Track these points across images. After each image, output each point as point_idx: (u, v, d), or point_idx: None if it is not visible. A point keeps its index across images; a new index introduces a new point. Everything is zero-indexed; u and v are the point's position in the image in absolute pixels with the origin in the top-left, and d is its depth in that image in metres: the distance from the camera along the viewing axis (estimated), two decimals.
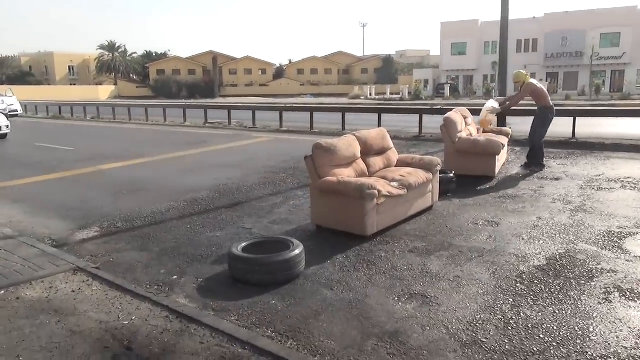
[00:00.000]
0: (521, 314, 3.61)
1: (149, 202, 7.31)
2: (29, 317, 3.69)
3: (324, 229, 5.67)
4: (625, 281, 4.12)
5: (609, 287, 4.01)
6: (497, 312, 3.64)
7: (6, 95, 28.49)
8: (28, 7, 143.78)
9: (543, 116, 8.92)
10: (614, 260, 4.58)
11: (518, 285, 4.11)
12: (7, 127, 16.93)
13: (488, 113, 9.51)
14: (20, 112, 29.54)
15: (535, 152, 8.96)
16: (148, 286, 4.30)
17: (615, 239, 5.19)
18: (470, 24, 53.43)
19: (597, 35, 46.51)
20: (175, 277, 4.51)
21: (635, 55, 46.14)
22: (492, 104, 9.72)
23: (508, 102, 9.66)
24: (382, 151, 6.57)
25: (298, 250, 4.33)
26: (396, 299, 3.92)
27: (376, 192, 5.17)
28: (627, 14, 45.78)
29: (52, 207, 7.30)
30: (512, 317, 3.55)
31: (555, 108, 9.14)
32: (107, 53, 77.08)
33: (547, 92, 9.07)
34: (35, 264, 4.73)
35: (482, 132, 9.58)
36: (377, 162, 6.39)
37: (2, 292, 4.13)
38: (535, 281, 4.17)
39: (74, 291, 4.15)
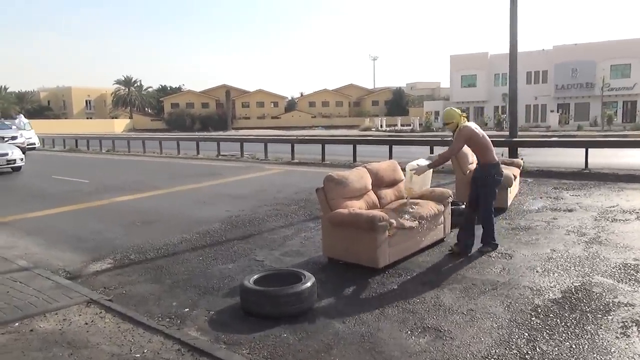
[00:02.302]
0: (537, 348, 3.54)
1: (162, 234, 7.37)
2: (42, 350, 3.70)
3: (335, 261, 5.65)
4: None
5: (626, 321, 3.92)
6: (513, 347, 3.57)
7: (21, 120, 29.23)
8: (47, 43, 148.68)
9: (488, 178, 5.87)
10: (631, 294, 4.50)
11: (533, 319, 4.04)
12: (22, 159, 17.32)
13: (413, 174, 5.98)
14: (38, 145, 30.20)
15: (489, 227, 6.00)
16: (160, 319, 4.31)
17: (631, 271, 5.10)
18: (480, 57, 54.03)
19: (607, 66, 46.69)
20: (187, 309, 4.51)
21: None
22: (418, 161, 6.13)
23: (438, 157, 6.17)
24: (393, 183, 6.59)
25: (310, 282, 4.32)
26: (409, 332, 3.87)
27: (388, 224, 5.17)
28: (636, 46, 45.99)
29: (66, 239, 7.39)
30: (527, 352, 3.49)
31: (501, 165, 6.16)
32: (123, 87, 79.09)
33: (490, 142, 6.00)
34: (50, 295, 4.77)
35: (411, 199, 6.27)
36: (388, 194, 6.41)
37: (17, 324, 4.16)
38: (551, 315, 4.10)
39: (86, 323, 4.16)
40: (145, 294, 4.94)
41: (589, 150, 13.14)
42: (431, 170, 6.09)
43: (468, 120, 6.18)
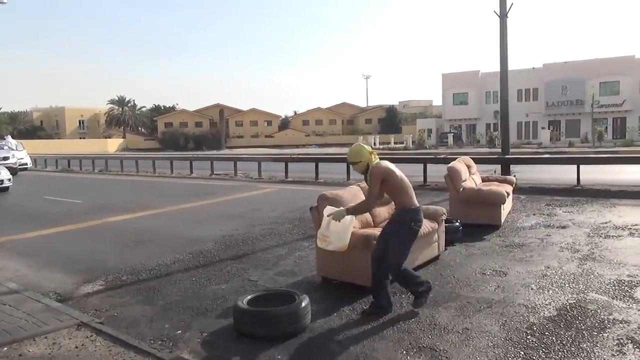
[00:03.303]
0: None
1: (155, 255, 7.30)
2: None
3: (329, 281, 5.62)
4: (638, 332, 4.02)
5: (622, 339, 3.91)
6: None
7: (8, 141, 29.06)
8: (40, 63, 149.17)
9: (402, 226, 4.67)
10: (626, 310, 4.49)
11: (529, 337, 4.02)
12: (9, 180, 17.27)
13: (331, 219, 4.74)
14: (30, 165, 30.01)
15: (383, 285, 4.67)
16: (152, 341, 4.24)
17: (626, 288, 5.10)
18: (471, 75, 54.73)
19: (597, 83, 47.44)
20: (179, 331, 4.45)
21: (636, 102, 46.84)
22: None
23: (359, 205, 4.92)
24: (386, 201, 6.58)
25: (304, 302, 4.28)
26: (404, 352, 3.83)
27: None
28: (625, 63, 46.87)
29: (57, 260, 7.30)
30: None
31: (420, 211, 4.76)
32: (116, 107, 79.24)
33: (409, 183, 4.73)
34: (39, 319, 4.69)
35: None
36: (382, 212, 6.40)
37: (5, 348, 4.08)
38: (546, 333, 4.08)
39: (77, 347, 4.09)
40: (137, 316, 4.87)
41: (581, 166, 13.25)
42: (352, 224, 4.81)
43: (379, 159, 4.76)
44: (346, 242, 4.79)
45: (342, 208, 4.78)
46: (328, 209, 4.85)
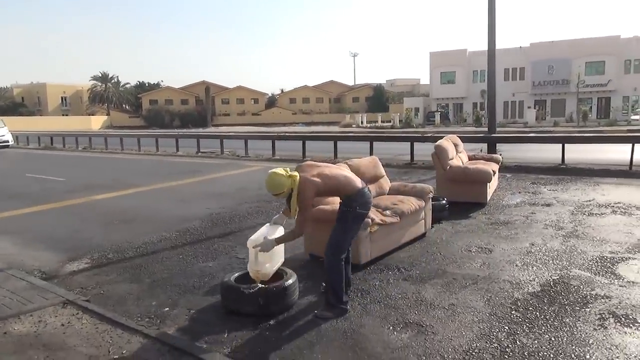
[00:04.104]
0: (517, 341, 3.58)
1: (141, 233, 7.25)
2: (17, 352, 3.61)
3: (317, 258, 5.63)
4: (619, 307, 4.11)
5: (603, 313, 4.00)
6: (493, 340, 3.61)
7: None
8: (20, 38, 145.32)
9: (348, 212, 4.27)
10: (608, 286, 4.59)
11: (513, 312, 4.09)
12: None
13: (258, 251, 4.13)
14: (11, 142, 29.46)
15: (335, 281, 4.18)
16: (139, 318, 4.23)
17: (608, 264, 5.20)
18: (459, 54, 54.53)
19: (583, 63, 47.60)
20: (167, 308, 4.44)
21: (620, 82, 47.21)
22: (262, 231, 4.33)
23: (289, 233, 4.23)
24: (374, 179, 6.59)
25: (291, 280, 4.29)
26: (391, 328, 3.88)
27: (369, 220, 5.17)
28: (610, 43, 47.03)
29: (41, 238, 7.21)
30: (508, 345, 3.52)
31: (369, 192, 4.40)
32: (100, 84, 77.60)
33: (339, 171, 4.35)
34: (24, 297, 4.64)
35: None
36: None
37: None
38: (530, 308, 4.15)
39: (63, 325, 4.07)
40: (123, 294, 4.85)
41: (566, 145, 13.37)
42: (279, 247, 4.35)
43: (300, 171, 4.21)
44: (281, 259, 4.45)
45: (270, 238, 4.14)
46: (252, 240, 4.18)
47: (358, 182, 4.32)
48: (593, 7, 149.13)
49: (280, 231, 4.33)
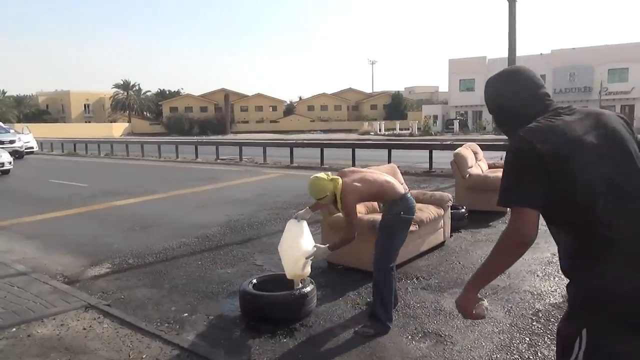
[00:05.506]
0: (538, 353, 3.52)
1: (161, 239, 7.34)
2: (39, 355, 3.67)
3: (335, 266, 5.63)
4: None
5: None
6: (514, 352, 3.55)
7: (23, 133, 29.17)
8: (46, 47, 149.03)
9: (392, 218, 4.13)
10: None
11: (534, 323, 4.03)
12: (10, 163, 17.51)
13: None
14: (36, 149, 30.13)
15: (383, 295, 4.02)
16: (159, 323, 4.28)
17: None
18: (478, 61, 54.13)
19: (605, 70, 46.86)
20: (186, 314, 4.48)
21: None
22: (293, 231, 4.21)
23: (339, 241, 4.09)
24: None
25: (309, 287, 4.29)
26: (409, 337, 3.85)
27: None
28: (634, 50, 46.16)
29: (64, 243, 7.35)
30: (529, 357, 3.47)
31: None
32: (121, 91, 79.08)
33: (383, 177, 4.22)
34: (47, 300, 4.73)
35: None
36: None
37: (14, 329, 4.12)
38: (552, 319, 4.08)
39: (85, 329, 4.13)
40: (143, 299, 4.91)
41: None
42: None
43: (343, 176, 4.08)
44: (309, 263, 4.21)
45: (324, 246, 4.15)
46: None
47: (401, 187, 4.25)
48: (616, 13, 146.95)
49: (305, 227, 4.21)
